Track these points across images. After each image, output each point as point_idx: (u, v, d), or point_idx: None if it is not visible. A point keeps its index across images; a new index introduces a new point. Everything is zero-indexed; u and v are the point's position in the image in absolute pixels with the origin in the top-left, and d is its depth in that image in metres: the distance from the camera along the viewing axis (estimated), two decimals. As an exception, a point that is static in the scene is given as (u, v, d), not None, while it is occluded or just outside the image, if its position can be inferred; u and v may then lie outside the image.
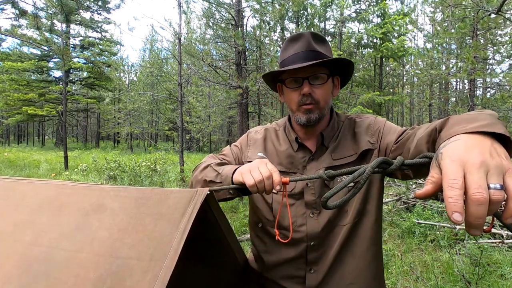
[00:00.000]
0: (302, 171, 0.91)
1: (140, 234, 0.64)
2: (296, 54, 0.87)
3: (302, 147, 0.94)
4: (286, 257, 0.91)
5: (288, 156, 0.94)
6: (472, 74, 8.47)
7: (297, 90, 0.88)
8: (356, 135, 0.91)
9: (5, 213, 0.75)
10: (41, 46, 10.28)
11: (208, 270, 1.00)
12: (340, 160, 0.89)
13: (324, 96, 0.88)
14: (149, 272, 0.58)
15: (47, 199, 0.75)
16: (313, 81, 0.86)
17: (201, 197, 0.66)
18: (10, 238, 0.70)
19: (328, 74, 0.88)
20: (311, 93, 0.86)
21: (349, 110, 8.14)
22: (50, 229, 0.70)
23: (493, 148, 0.44)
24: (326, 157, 0.90)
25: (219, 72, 8.90)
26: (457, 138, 0.48)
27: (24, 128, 36.56)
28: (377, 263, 0.91)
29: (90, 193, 0.75)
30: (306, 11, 8.40)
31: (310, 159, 0.91)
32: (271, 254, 0.95)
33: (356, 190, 0.63)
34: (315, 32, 0.89)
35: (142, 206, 0.69)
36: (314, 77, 0.86)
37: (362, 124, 0.93)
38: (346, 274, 0.87)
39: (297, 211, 0.90)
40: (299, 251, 0.89)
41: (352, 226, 0.87)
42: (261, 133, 1.03)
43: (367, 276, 0.88)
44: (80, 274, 0.61)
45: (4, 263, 0.67)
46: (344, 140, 0.91)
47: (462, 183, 0.40)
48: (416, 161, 0.57)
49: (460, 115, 0.58)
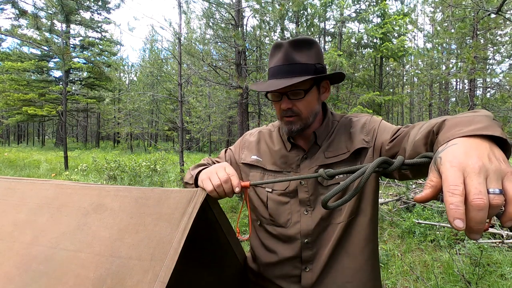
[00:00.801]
0: (295, 170, 0.92)
1: (140, 234, 0.64)
2: (276, 67, 0.87)
3: (295, 146, 0.95)
4: (281, 255, 0.93)
5: (282, 156, 0.95)
6: (472, 74, 8.47)
7: (278, 103, 0.89)
8: (351, 134, 0.92)
9: (5, 213, 0.75)
10: (41, 46, 10.28)
11: (208, 269, 1.00)
12: (332, 158, 0.89)
13: (306, 107, 0.88)
14: (149, 272, 0.57)
15: (47, 199, 0.75)
16: (292, 96, 0.87)
17: (201, 197, 0.66)
18: (10, 238, 0.70)
19: (309, 85, 0.87)
20: (291, 107, 0.87)
21: (349, 110, 8.14)
22: (50, 229, 0.70)
23: (492, 151, 0.45)
24: (319, 156, 0.91)
25: (219, 72, 8.90)
26: (455, 142, 0.48)
27: (24, 128, 36.55)
28: (373, 262, 0.91)
29: (90, 193, 0.75)
30: (306, 11, 8.40)
31: (303, 158, 0.92)
32: (267, 253, 0.96)
33: (356, 190, 0.63)
34: (294, 40, 0.86)
35: (142, 206, 0.69)
36: (292, 92, 0.86)
37: (357, 123, 0.94)
38: (342, 273, 0.88)
39: (292, 209, 0.91)
40: (294, 249, 0.90)
41: (347, 224, 0.88)
42: (255, 135, 1.06)
43: (363, 275, 0.88)
44: (81, 273, 0.61)
45: (4, 262, 0.67)
46: (338, 138, 0.92)
47: (463, 189, 0.40)
48: (416, 161, 0.57)
49: (456, 116, 0.58)
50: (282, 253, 0.92)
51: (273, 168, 0.95)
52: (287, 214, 0.91)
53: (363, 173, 0.59)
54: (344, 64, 7.77)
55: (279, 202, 0.92)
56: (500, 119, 8.37)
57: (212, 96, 12.47)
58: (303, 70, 0.85)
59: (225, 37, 7.94)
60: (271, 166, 0.95)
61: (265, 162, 0.97)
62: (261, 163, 0.97)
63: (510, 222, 0.41)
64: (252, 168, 0.99)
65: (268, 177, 0.94)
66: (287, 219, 0.91)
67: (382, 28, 8.79)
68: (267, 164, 0.96)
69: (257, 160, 0.98)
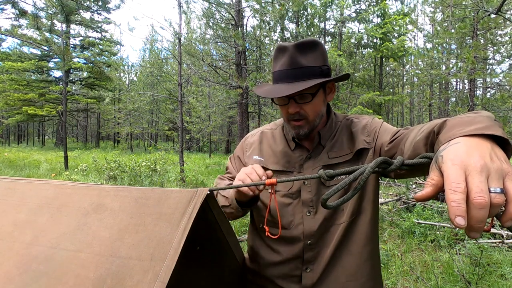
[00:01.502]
0: (299, 170, 0.92)
1: (140, 234, 0.64)
2: (281, 71, 0.87)
3: (299, 146, 0.95)
4: (283, 256, 0.93)
5: (285, 155, 0.95)
6: (472, 74, 8.47)
7: (285, 107, 0.89)
8: (353, 134, 0.93)
9: (5, 213, 0.75)
10: (41, 46, 10.29)
11: (208, 270, 1.00)
12: (336, 158, 0.90)
13: (314, 110, 0.89)
14: (150, 272, 0.58)
15: (47, 199, 0.75)
16: (299, 100, 0.86)
17: (201, 197, 0.66)
18: (10, 238, 0.70)
19: (316, 89, 0.87)
20: (299, 110, 0.87)
21: (349, 110, 8.14)
22: (50, 229, 0.70)
23: (493, 151, 0.45)
24: (323, 156, 0.91)
25: (219, 72, 8.90)
26: (457, 141, 0.48)
27: (24, 128, 36.54)
28: (374, 260, 0.92)
29: (90, 193, 0.75)
30: (306, 11, 8.40)
31: (307, 158, 0.93)
32: (269, 254, 0.96)
33: (355, 190, 0.63)
34: (299, 43, 0.86)
35: (142, 206, 0.69)
36: (300, 96, 0.86)
37: (359, 124, 0.94)
38: (342, 272, 0.88)
39: (295, 210, 0.91)
40: (296, 250, 0.91)
41: (349, 224, 0.88)
42: (257, 135, 1.06)
43: (364, 273, 0.89)
44: (81, 274, 0.61)
45: (4, 262, 0.67)
46: (341, 139, 0.93)
47: (465, 187, 0.40)
48: (416, 161, 0.58)
49: (457, 117, 0.58)
50: (284, 253, 0.92)
51: (276, 168, 0.94)
52: (289, 215, 0.91)
53: (363, 173, 0.60)
54: (344, 64, 7.78)
55: (282, 203, 0.92)
56: (500, 119, 8.37)
57: (212, 96, 12.48)
58: (310, 74, 0.85)
59: (225, 37, 7.95)
60: (273, 165, 0.95)
61: (267, 162, 0.97)
62: (263, 163, 0.97)
63: (510, 222, 0.41)
64: None
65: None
66: (290, 220, 0.91)
67: (382, 28, 8.79)
68: (269, 164, 0.96)
69: (260, 161, 0.98)
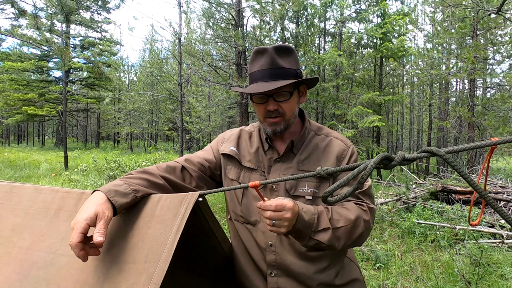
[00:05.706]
0: (267, 170, 0.97)
1: (134, 238, 0.65)
2: (261, 70, 0.92)
3: (271, 148, 1.00)
4: (251, 253, 0.96)
5: (257, 155, 1.00)
6: (472, 74, 8.46)
7: (263, 105, 0.94)
8: (327, 155, 0.96)
9: (2, 217, 0.75)
10: (41, 46, 10.28)
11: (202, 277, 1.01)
12: (304, 172, 0.93)
13: (290, 108, 0.94)
14: (143, 274, 0.58)
15: (45, 203, 0.75)
16: (278, 98, 0.92)
17: (193, 198, 0.67)
18: (9, 243, 0.71)
19: (292, 89, 0.93)
20: (277, 108, 0.93)
21: (349, 110, 8.13)
22: (49, 234, 0.70)
23: None
24: (293, 164, 0.95)
25: (219, 72, 8.90)
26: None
27: (24, 128, 36.55)
28: (337, 257, 0.95)
29: (86, 197, 0.75)
30: (306, 11, 8.40)
31: (276, 160, 0.97)
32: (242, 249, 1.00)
33: (356, 186, 0.64)
34: (279, 46, 0.93)
35: (135, 209, 0.70)
36: (278, 94, 0.92)
37: (336, 148, 0.98)
38: (302, 276, 0.91)
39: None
40: (260, 250, 0.94)
41: None
42: (236, 131, 1.12)
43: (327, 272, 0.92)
44: (79, 279, 0.62)
45: (3, 268, 0.67)
46: (316, 156, 0.97)
47: None
48: (417, 155, 0.59)
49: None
50: (252, 251, 0.96)
51: (249, 165, 0.99)
52: (256, 213, 0.95)
53: (365, 169, 0.61)
54: (344, 64, 7.77)
55: (252, 200, 0.96)
56: (500, 119, 8.36)
57: (212, 96, 12.48)
58: (287, 74, 0.91)
59: (225, 37, 7.94)
60: (247, 162, 1.00)
61: (241, 157, 1.01)
62: (238, 157, 1.01)
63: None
64: (230, 160, 1.03)
65: (244, 173, 0.99)
66: (255, 218, 0.95)
67: (382, 28, 8.78)
68: (243, 160, 1.01)
69: (235, 152, 1.02)
